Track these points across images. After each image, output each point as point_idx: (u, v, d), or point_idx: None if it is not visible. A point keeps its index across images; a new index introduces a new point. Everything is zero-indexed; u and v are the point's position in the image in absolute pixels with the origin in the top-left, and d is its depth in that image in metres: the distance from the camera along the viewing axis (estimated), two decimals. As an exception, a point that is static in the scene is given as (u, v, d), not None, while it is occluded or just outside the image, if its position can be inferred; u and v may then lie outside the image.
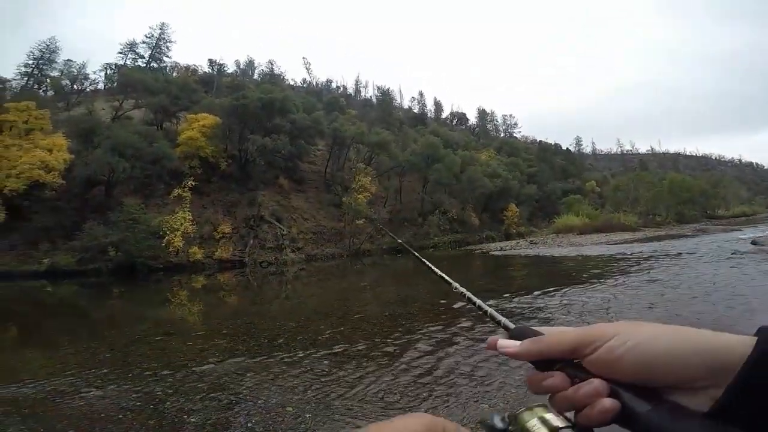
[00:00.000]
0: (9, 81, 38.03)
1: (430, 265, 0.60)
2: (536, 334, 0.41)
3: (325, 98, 53.24)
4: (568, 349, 0.38)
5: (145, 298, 14.69)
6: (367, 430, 0.31)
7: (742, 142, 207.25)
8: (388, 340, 6.06)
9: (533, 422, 0.37)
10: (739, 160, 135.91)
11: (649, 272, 10.53)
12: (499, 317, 0.45)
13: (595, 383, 0.35)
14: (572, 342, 0.38)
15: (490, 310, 0.47)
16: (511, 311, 7.20)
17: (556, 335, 0.40)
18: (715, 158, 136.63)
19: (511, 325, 0.44)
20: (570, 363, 0.38)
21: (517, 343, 0.41)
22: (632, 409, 0.33)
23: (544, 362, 0.39)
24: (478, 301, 0.49)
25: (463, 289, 0.52)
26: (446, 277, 0.55)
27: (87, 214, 23.04)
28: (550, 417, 0.37)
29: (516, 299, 8.27)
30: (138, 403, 4.27)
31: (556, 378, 0.38)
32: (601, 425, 0.35)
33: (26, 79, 40.99)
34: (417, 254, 0.69)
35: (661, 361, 0.33)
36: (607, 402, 0.34)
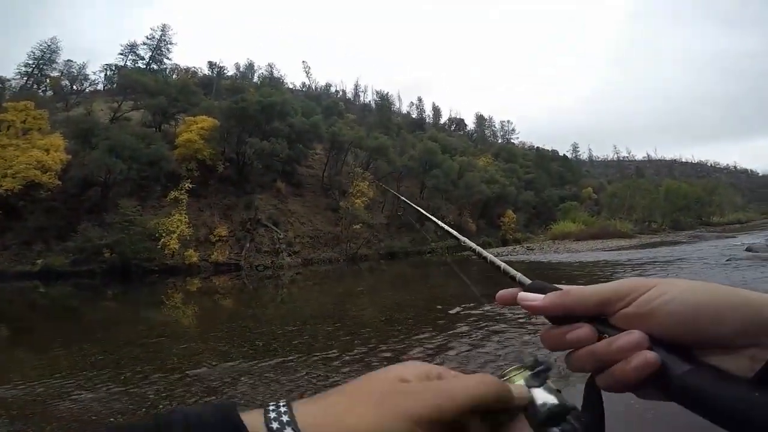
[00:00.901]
0: (9, 80, 38.18)
1: (440, 223, 0.61)
2: (556, 289, 0.36)
3: (324, 102, 53.28)
4: (598, 303, 0.33)
5: (139, 301, 14.57)
6: (364, 376, 0.29)
7: (736, 149, 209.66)
8: (385, 345, 6.02)
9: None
10: (734, 167, 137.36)
11: (645, 277, 10.53)
12: (513, 272, 0.40)
13: (636, 334, 0.31)
14: (605, 295, 0.33)
15: (503, 264, 0.42)
16: (504, 315, 7.18)
17: (585, 288, 0.35)
18: (710, 165, 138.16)
19: (527, 281, 0.38)
20: (595, 319, 0.34)
21: (541, 296, 0.36)
22: (667, 369, 0.29)
23: (565, 319, 0.34)
24: (490, 256, 0.46)
25: (471, 243, 0.51)
26: (454, 233, 0.54)
27: (82, 215, 22.96)
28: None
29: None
30: (130, 406, 4.21)
31: (584, 329, 0.33)
32: (632, 385, 0.31)
33: (26, 78, 41.03)
34: (430, 216, 0.67)
35: (701, 313, 0.30)
36: (650, 355, 0.30)
